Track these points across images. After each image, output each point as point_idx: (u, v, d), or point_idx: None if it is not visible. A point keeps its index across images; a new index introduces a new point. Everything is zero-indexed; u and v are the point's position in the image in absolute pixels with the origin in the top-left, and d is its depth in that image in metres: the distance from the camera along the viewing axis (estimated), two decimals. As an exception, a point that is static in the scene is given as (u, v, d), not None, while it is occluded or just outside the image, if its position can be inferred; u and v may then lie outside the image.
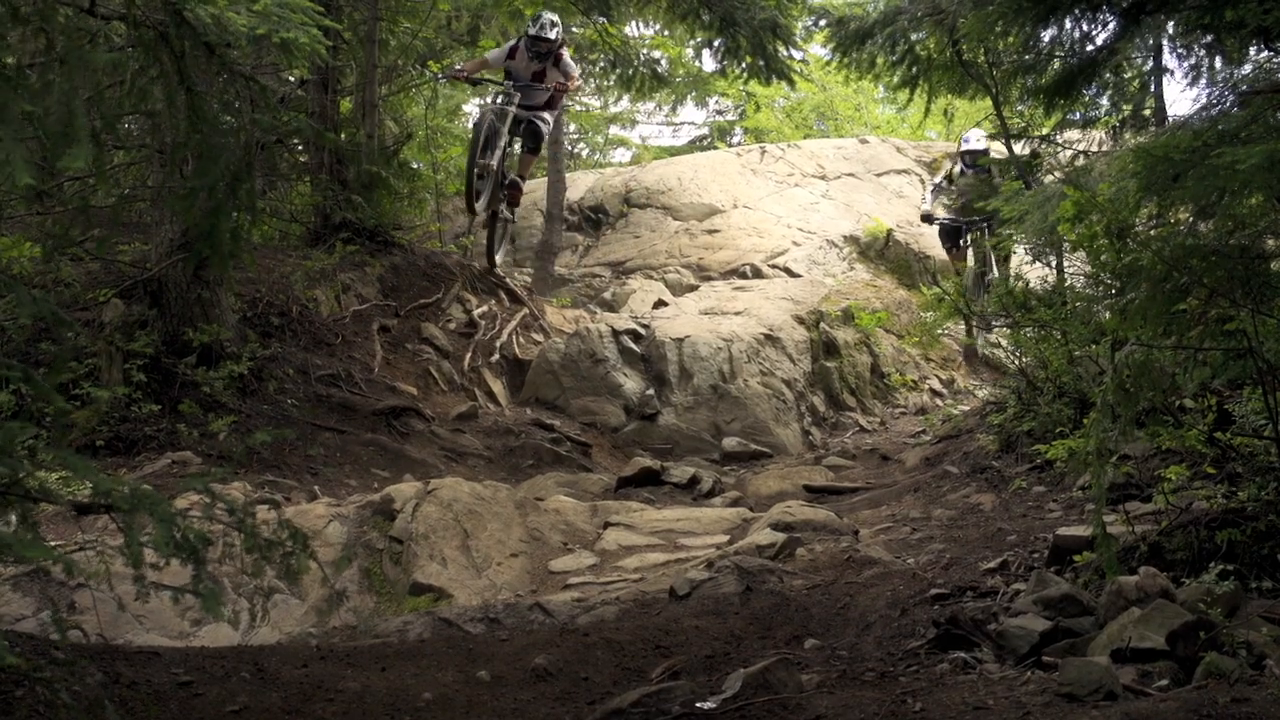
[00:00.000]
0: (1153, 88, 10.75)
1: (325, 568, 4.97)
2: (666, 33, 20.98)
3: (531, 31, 13.71)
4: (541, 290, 17.57)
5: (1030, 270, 10.74)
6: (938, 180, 16.11)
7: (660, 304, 16.42)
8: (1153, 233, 5.81)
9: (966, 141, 15.46)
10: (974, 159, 15.23)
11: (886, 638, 5.58)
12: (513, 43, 14.11)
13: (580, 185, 21.05)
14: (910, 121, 28.40)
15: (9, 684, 4.23)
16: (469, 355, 14.41)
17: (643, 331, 14.75)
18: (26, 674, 4.27)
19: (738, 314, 15.29)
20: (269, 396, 11.76)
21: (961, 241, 15.65)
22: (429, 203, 17.39)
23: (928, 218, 15.88)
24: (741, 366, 14.02)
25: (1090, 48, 9.38)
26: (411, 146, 17.32)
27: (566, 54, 14.18)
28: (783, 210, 19.13)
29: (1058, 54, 9.92)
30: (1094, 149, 11.27)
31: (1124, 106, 11.01)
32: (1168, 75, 10.60)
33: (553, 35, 13.67)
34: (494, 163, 13.67)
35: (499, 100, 13.81)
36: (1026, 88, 10.78)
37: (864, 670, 5.13)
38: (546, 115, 14.20)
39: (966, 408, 13.68)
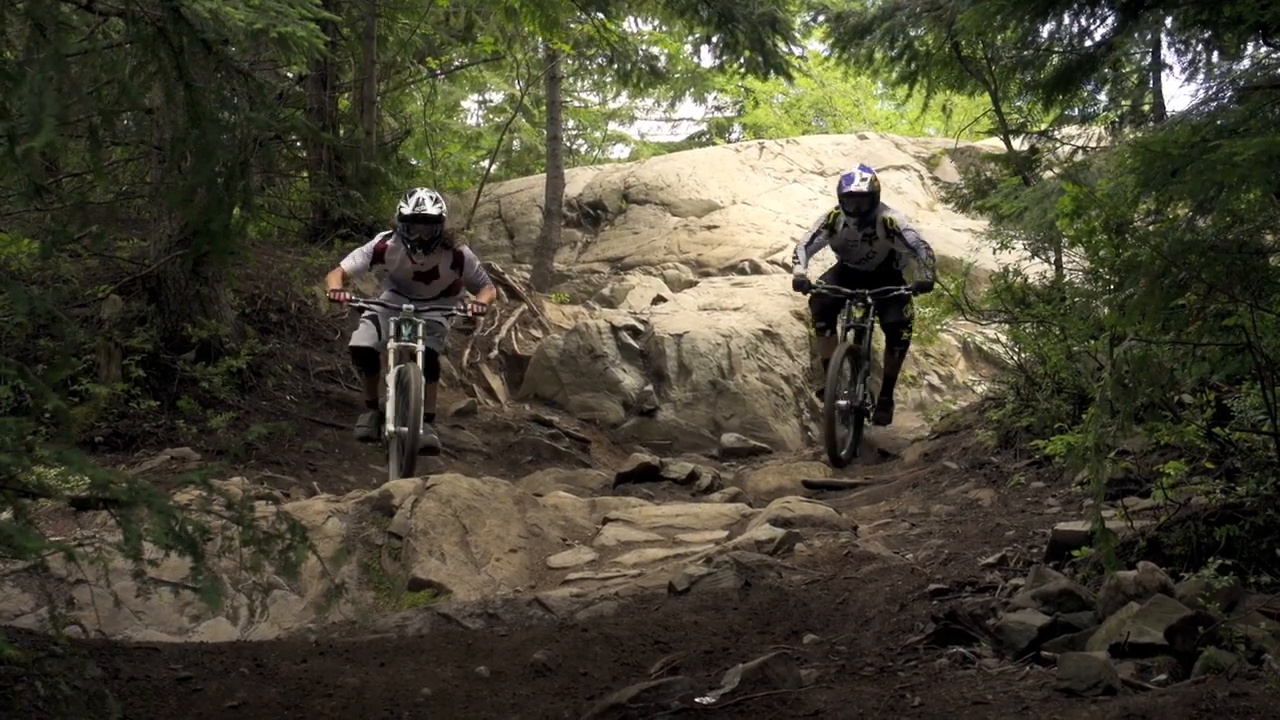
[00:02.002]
0: (1151, 83, 10.75)
1: (324, 563, 4.96)
2: (664, 28, 20.99)
3: (405, 210, 9.86)
4: (540, 286, 17.57)
5: (1029, 266, 10.72)
6: (812, 231, 11.85)
7: (659, 300, 16.42)
8: (1151, 228, 5.81)
9: (848, 182, 11.44)
10: (857, 206, 11.38)
11: (885, 633, 5.58)
12: (381, 236, 10.27)
13: (579, 181, 21.05)
14: (909, 117, 28.44)
15: (9, 679, 4.23)
16: (468, 351, 14.42)
17: (641, 328, 14.76)
18: (26, 669, 4.27)
19: (736, 310, 15.29)
20: (268, 392, 11.78)
21: (841, 319, 11.50)
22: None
23: (801, 284, 11.55)
24: (740, 362, 14.04)
25: (1089, 43, 9.38)
26: (410, 142, 17.35)
27: (466, 249, 10.43)
28: (781, 206, 19.14)
29: (1056, 49, 9.93)
30: (1093, 145, 11.27)
31: (1123, 102, 11.02)
32: (1166, 70, 10.62)
33: (435, 211, 9.87)
34: (406, 428, 9.82)
35: (394, 324, 10.01)
36: (1025, 83, 10.79)
37: (863, 665, 5.14)
38: (444, 311, 10.38)
39: (965, 403, 13.68)
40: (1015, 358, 10.43)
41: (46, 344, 10.12)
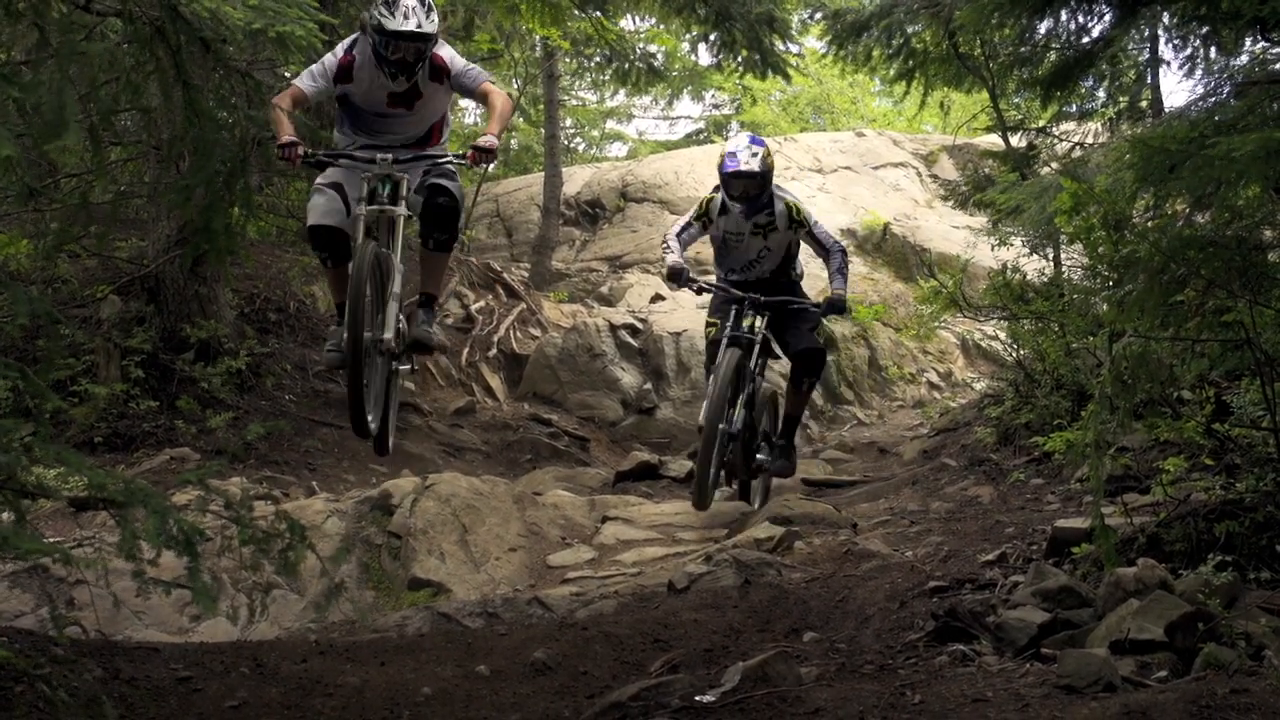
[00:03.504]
0: (1149, 79, 10.75)
1: (324, 562, 4.96)
2: (662, 26, 20.95)
3: (389, 23, 6.89)
4: (538, 285, 17.57)
5: (1027, 263, 10.72)
6: (686, 220, 9.04)
7: (657, 298, 16.41)
8: (1150, 224, 5.81)
9: (732, 160, 8.64)
10: (744, 190, 8.68)
11: (885, 630, 5.58)
12: (345, 46, 7.26)
13: (577, 180, 21.05)
14: (906, 114, 28.40)
15: (8, 680, 4.23)
16: (466, 350, 14.42)
17: (640, 326, 14.77)
18: (25, 670, 4.27)
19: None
20: (267, 392, 11.77)
21: (726, 326, 8.66)
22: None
23: (676, 274, 8.68)
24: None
25: (1086, 39, 9.38)
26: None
27: (447, 48, 7.39)
28: (779, 204, 19.11)
29: (1054, 46, 9.93)
30: (1090, 141, 11.27)
31: (1120, 98, 11.01)
32: (1164, 66, 10.61)
33: (429, 27, 6.96)
34: (387, 332, 6.90)
35: (367, 183, 6.91)
36: (1023, 80, 10.78)
37: (863, 663, 5.14)
38: (440, 158, 7.32)
39: (964, 400, 13.69)
40: (1014, 354, 10.44)
41: (44, 345, 10.12)
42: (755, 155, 8.69)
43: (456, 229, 7.38)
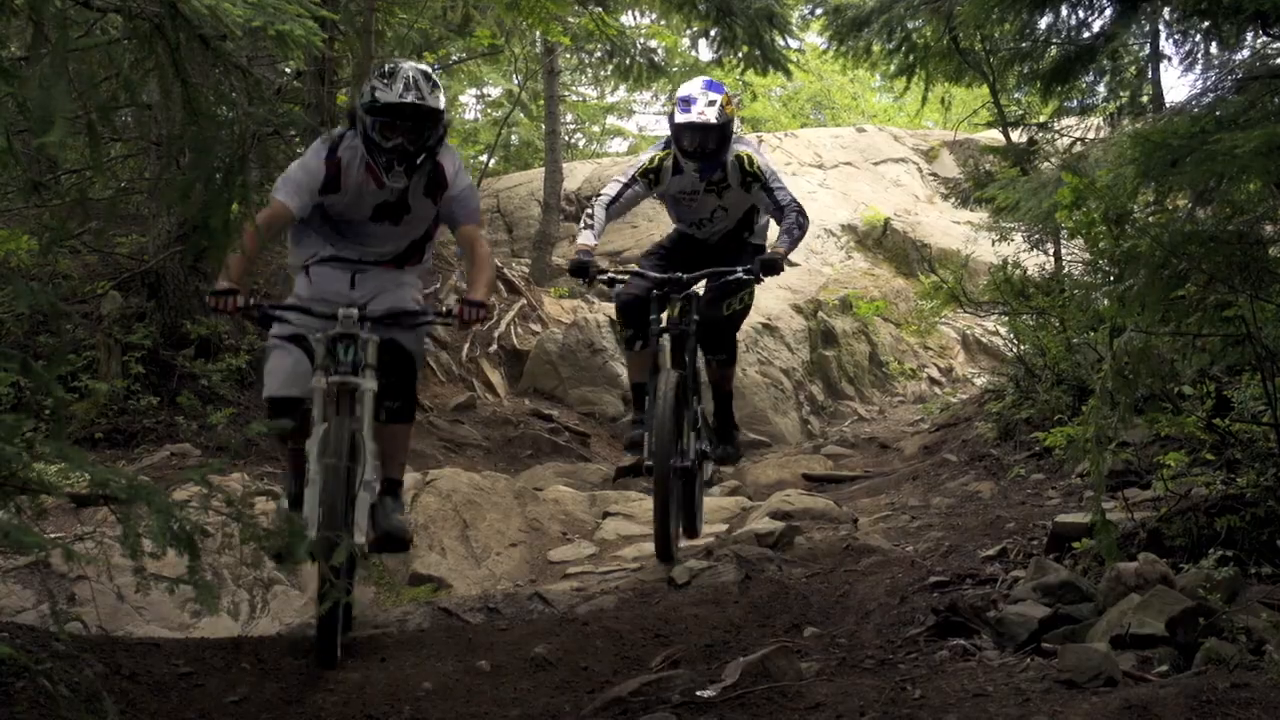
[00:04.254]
0: (1150, 74, 10.74)
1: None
2: (663, 22, 20.93)
3: (384, 94, 5.72)
4: (539, 280, 17.56)
5: (1028, 258, 10.73)
6: (624, 180, 7.66)
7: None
8: (1151, 219, 5.80)
9: (686, 107, 7.34)
10: (701, 144, 7.39)
11: (886, 625, 5.58)
12: (327, 147, 5.93)
13: (578, 175, 21.04)
14: (907, 110, 28.44)
15: (9, 676, 4.23)
16: (467, 346, 14.42)
17: (641, 321, 14.74)
18: (27, 666, 4.28)
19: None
20: (268, 388, 11.75)
21: (652, 322, 7.37)
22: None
23: (579, 267, 7.31)
24: (739, 356, 14.01)
25: (1087, 34, 9.40)
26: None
27: (452, 157, 6.09)
28: (780, 199, 19.11)
29: (1054, 41, 9.94)
30: (1091, 136, 11.27)
31: (1121, 93, 11.01)
32: (1165, 61, 10.60)
33: (434, 101, 5.79)
34: (358, 534, 5.44)
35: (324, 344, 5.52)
36: (1023, 75, 10.79)
37: (863, 658, 5.13)
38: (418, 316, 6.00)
39: (965, 396, 13.69)
40: (1015, 350, 10.45)
41: (45, 340, 10.12)
42: (713, 104, 7.26)
43: (413, 396, 6.07)
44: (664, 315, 7.42)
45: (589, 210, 7.48)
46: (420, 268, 6.36)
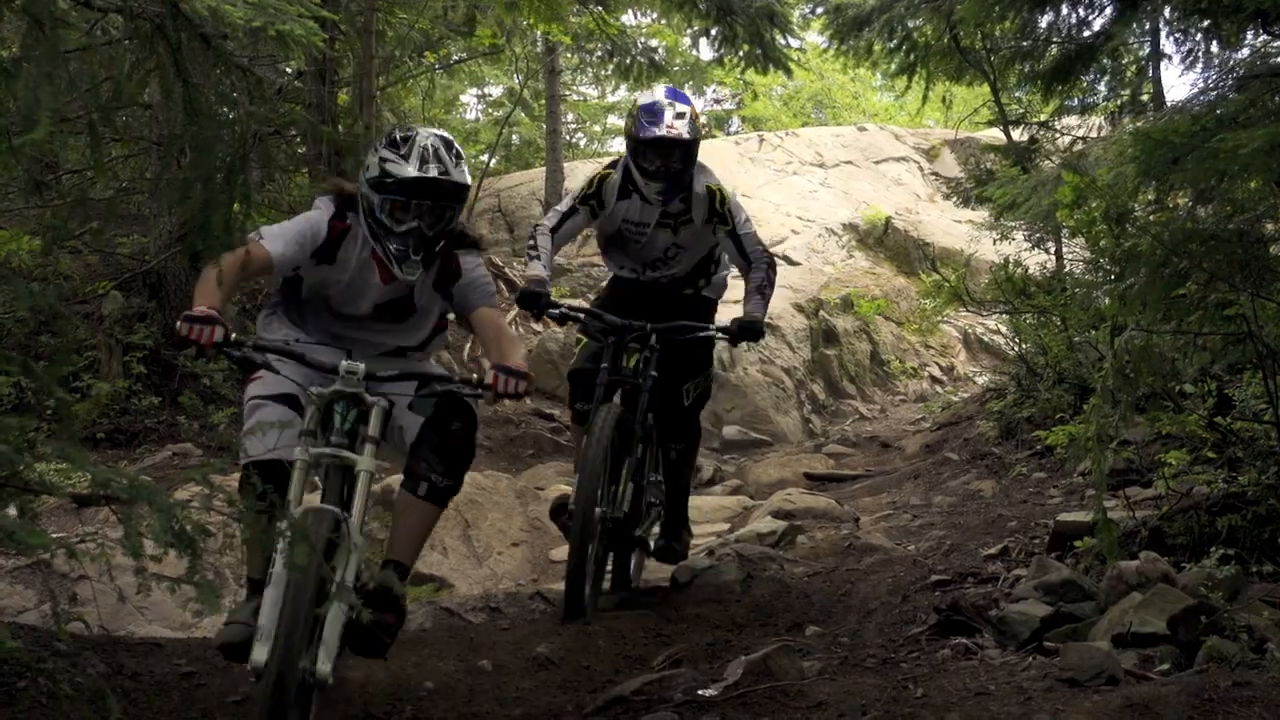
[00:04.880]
0: (1150, 73, 10.74)
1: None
2: (663, 21, 20.95)
3: (400, 168, 4.56)
4: (540, 280, 17.51)
5: (1029, 257, 10.73)
6: (566, 207, 6.57)
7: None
8: (1152, 218, 5.81)
9: (652, 119, 6.26)
10: (664, 163, 6.30)
11: (888, 624, 5.58)
12: (324, 212, 4.80)
13: (579, 174, 20.99)
14: (908, 109, 28.42)
15: (11, 675, 4.24)
16: (468, 345, 14.41)
17: (642, 320, 14.74)
18: (29, 666, 4.28)
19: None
20: (269, 388, 11.76)
21: (603, 367, 6.30)
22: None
23: (530, 299, 6.18)
24: (741, 355, 14.02)
25: (1087, 33, 9.40)
26: (409, 137, 17.26)
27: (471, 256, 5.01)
28: (781, 198, 19.13)
29: (1055, 40, 9.94)
30: (1092, 135, 11.27)
31: (1122, 92, 11.01)
32: (1165, 60, 10.59)
33: (459, 175, 4.66)
34: (322, 663, 4.04)
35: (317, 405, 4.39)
36: (1024, 74, 10.79)
37: (865, 657, 5.14)
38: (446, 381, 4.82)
39: (966, 394, 13.69)
40: (1016, 348, 10.45)
41: (47, 340, 10.13)
42: (682, 116, 6.25)
43: (462, 476, 4.94)
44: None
45: (532, 240, 6.39)
46: (429, 352, 5.24)
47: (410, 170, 4.48)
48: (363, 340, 4.91)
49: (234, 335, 4.19)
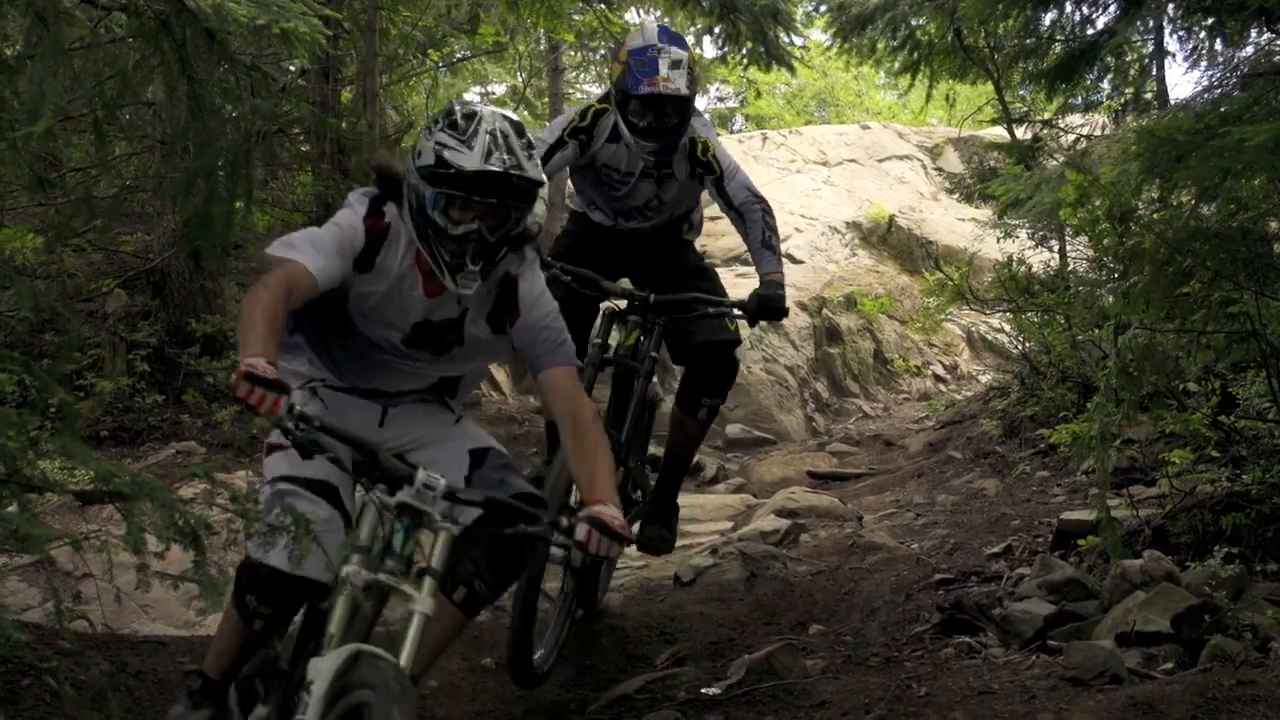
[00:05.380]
0: (1154, 71, 10.74)
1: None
2: (667, 19, 20.92)
3: (459, 157, 3.63)
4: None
5: (1033, 255, 10.72)
6: (554, 138, 5.61)
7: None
8: (1155, 216, 5.80)
9: (647, 71, 5.33)
10: (658, 117, 5.43)
11: (891, 623, 5.58)
12: (359, 210, 3.88)
13: (582, 173, 21.03)
14: (912, 107, 28.38)
15: (15, 674, 4.24)
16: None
17: (646, 319, 14.72)
18: (32, 664, 4.28)
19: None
20: (272, 386, 11.76)
21: (593, 342, 5.64)
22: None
23: None
24: (744, 353, 14.01)
25: (1091, 31, 9.39)
26: (413, 135, 17.27)
27: (535, 270, 4.06)
28: (785, 197, 19.10)
29: (1058, 37, 9.93)
30: (1096, 133, 11.27)
31: (1125, 90, 11.01)
32: (1169, 58, 10.59)
33: (533, 171, 3.72)
34: None
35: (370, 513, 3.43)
36: (1028, 72, 10.78)
37: (869, 655, 5.14)
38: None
39: (970, 393, 13.68)
40: (1020, 347, 10.45)
41: (51, 339, 10.13)
42: (679, 66, 5.36)
43: (506, 588, 4.18)
44: (610, 339, 5.67)
45: None
46: (464, 398, 4.41)
47: (474, 160, 3.59)
48: (397, 368, 3.99)
49: (298, 406, 3.22)
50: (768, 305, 5.45)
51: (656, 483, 5.92)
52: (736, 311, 5.54)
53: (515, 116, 3.77)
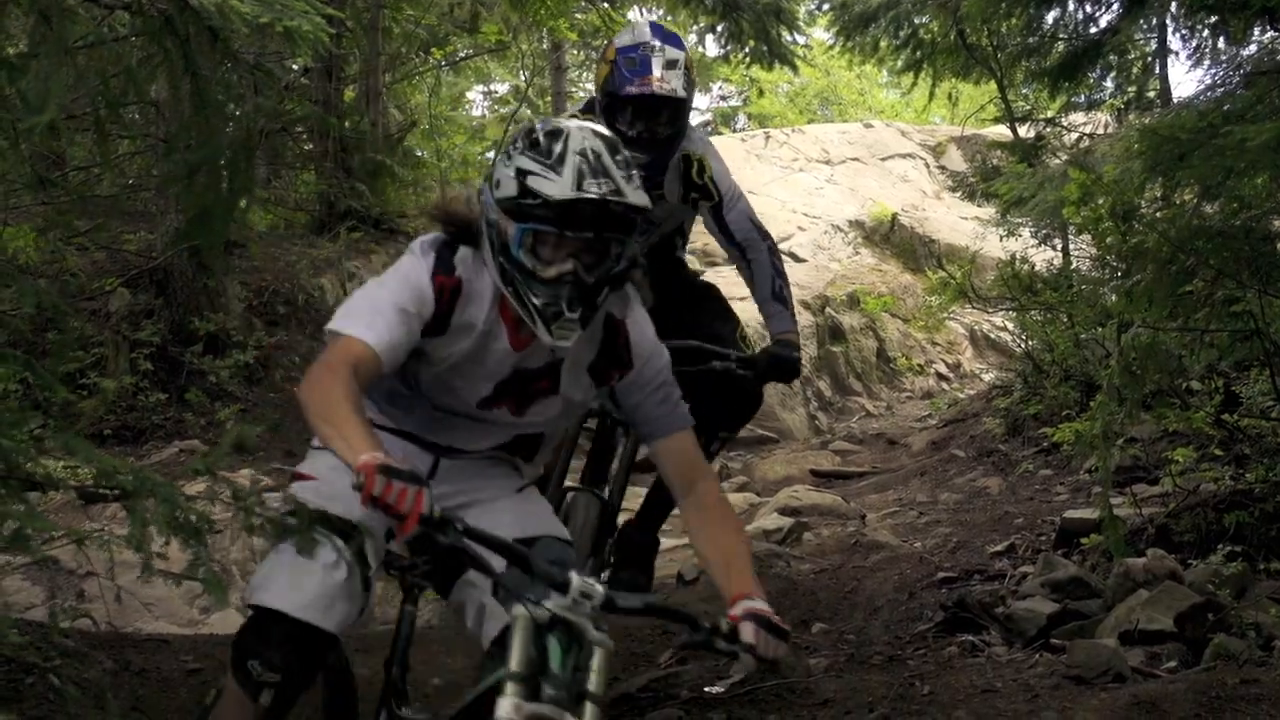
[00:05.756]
0: (1157, 69, 10.74)
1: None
2: (670, 17, 20.91)
3: (555, 189, 2.92)
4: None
5: (1036, 253, 10.72)
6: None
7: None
8: (1158, 214, 5.80)
9: (638, 76, 4.60)
10: (649, 125, 4.67)
11: (894, 621, 5.58)
12: (435, 250, 3.16)
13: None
14: (915, 106, 28.38)
15: (19, 672, 4.25)
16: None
17: (648, 316, 14.73)
18: (35, 663, 4.29)
19: (742, 299, 15.24)
20: (276, 385, 11.77)
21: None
22: (433, 190, 17.37)
23: None
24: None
25: (1094, 29, 9.40)
26: (415, 134, 17.32)
27: (647, 324, 3.34)
28: (787, 195, 19.10)
29: (1062, 36, 9.94)
30: (1099, 131, 11.27)
31: (1128, 88, 11.01)
32: (1172, 56, 10.62)
33: (634, 196, 2.97)
34: None
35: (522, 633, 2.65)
36: (1031, 70, 10.79)
37: (872, 654, 5.14)
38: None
39: (973, 391, 13.68)
40: (1023, 345, 10.44)
41: (54, 337, 10.14)
42: (674, 65, 4.65)
43: None
44: None
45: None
46: (541, 460, 3.73)
47: (564, 187, 2.93)
48: (463, 437, 3.38)
49: (439, 511, 2.58)
50: (780, 364, 4.80)
51: (639, 519, 5.04)
52: (738, 368, 4.79)
53: (605, 130, 3.11)
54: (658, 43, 4.65)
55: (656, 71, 4.59)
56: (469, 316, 3.15)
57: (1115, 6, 9.10)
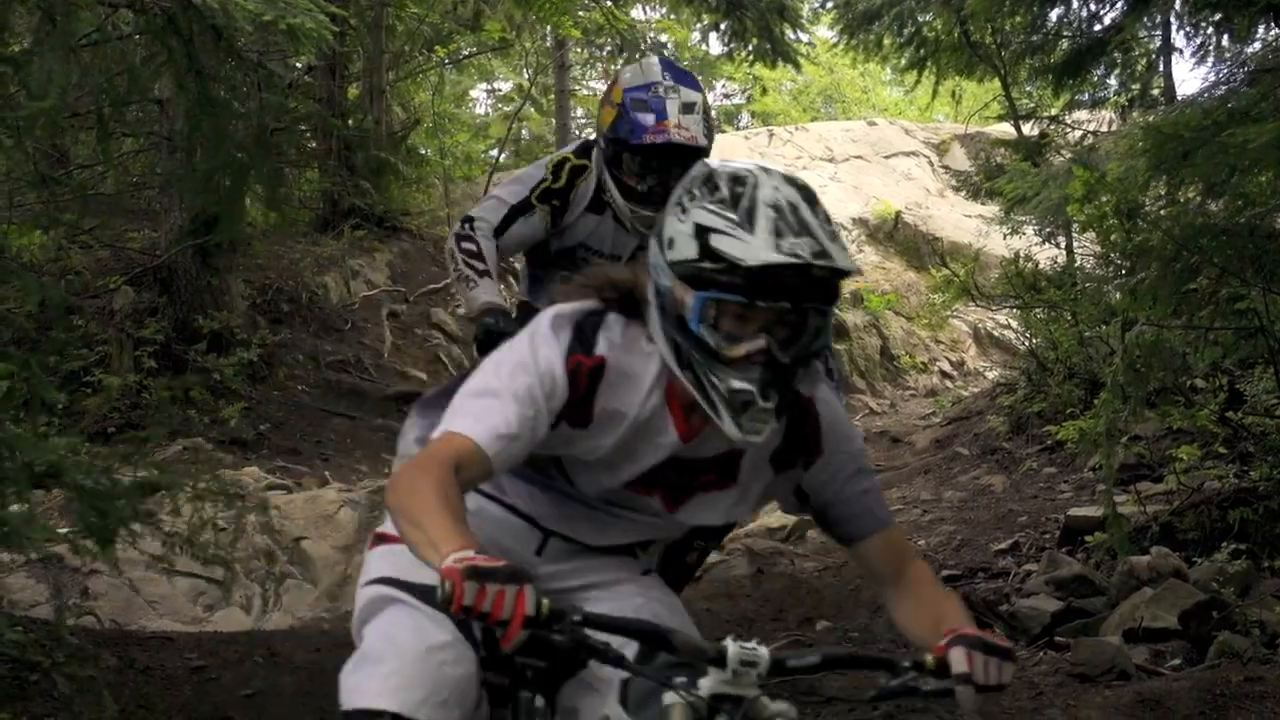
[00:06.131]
0: (1161, 67, 10.72)
1: (336, 552, 4.96)
2: (673, 16, 20.94)
3: (748, 252, 2.23)
4: (550, 275, 17.48)
5: (1040, 251, 10.71)
6: (516, 200, 4.19)
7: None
8: (1162, 212, 5.80)
9: (653, 122, 3.98)
10: (660, 178, 4.02)
11: (898, 619, 5.58)
12: (568, 331, 2.46)
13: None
14: (918, 103, 28.36)
15: (23, 670, 4.25)
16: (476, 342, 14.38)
17: (652, 315, 14.72)
18: (38, 660, 4.29)
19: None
20: (279, 383, 11.78)
21: None
22: (437, 188, 17.38)
23: (495, 339, 3.39)
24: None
25: (1098, 27, 9.37)
26: (419, 132, 17.32)
27: (837, 403, 2.71)
28: (791, 193, 19.09)
29: (1066, 34, 9.91)
30: (1103, 129, 11.25)
31: (1132, 86, 10.98)
32: (1176, 54, 10.58)
33: (843, 261, 2.30)
34: None
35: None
36: (1035, 68, 10.77)
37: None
38: None
39: (976, 389, 13.67)
40: (1026, 343, 10.43)
41: (54, 336, 10.15)
42: (692, 109, 4.08)
43: None
44: None
45: (468, 242, 4.16)
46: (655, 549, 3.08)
47: (760, 249, 2.25)
48: (593, 531, 2.74)
49: (548, 603, 2.04)
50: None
51: None
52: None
53: (797, 177, 2.49)
54: (671, 82, 4.10)
55: (673, 116, 4.02)
56: (618, 403, 2.50)
57: (1119, 4, 9.09)
